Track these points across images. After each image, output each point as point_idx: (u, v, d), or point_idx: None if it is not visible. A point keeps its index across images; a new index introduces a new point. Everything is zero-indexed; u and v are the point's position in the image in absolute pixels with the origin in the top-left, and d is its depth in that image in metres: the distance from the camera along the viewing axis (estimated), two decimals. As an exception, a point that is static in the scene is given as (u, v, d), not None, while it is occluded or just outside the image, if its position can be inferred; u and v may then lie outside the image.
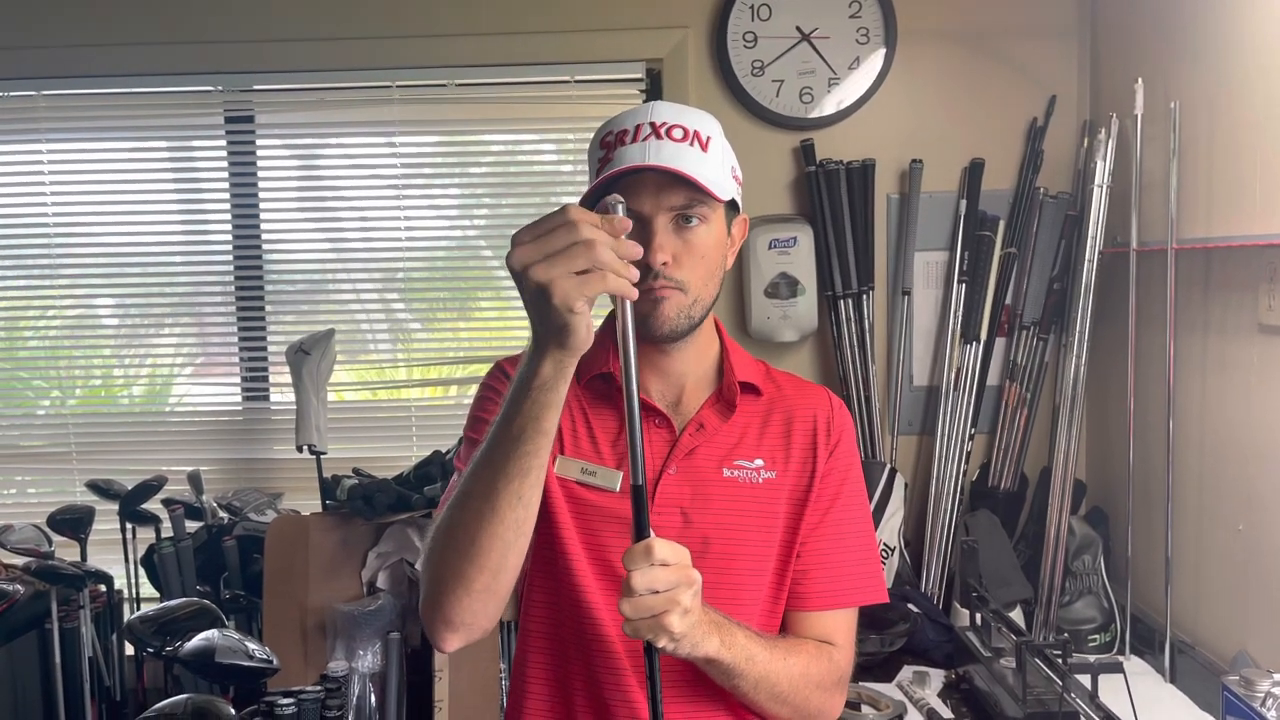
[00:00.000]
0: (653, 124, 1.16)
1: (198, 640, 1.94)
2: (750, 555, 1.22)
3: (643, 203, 1.14)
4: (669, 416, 1.25)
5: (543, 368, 0.97)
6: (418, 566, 1.16)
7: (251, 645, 1.92)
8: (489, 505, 1.02)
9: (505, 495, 1.02)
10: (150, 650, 2.01)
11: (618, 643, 1.19)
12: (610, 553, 1.19)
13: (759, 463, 1.25)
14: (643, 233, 1.13)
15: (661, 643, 1.00)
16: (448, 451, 2.63)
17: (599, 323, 1.35)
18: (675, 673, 1.17)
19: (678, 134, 1.16)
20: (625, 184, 1.13)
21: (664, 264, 1.15)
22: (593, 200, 1.19)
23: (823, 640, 1.24)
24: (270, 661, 1.91)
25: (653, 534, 1.01)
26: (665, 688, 1.05)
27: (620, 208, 0.96)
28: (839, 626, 1.25)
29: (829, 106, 2.66)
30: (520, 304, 0.97)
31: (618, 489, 1.20)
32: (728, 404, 1.26)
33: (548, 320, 0.93)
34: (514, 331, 2.95)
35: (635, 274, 0.95)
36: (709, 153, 1.17)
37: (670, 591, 0.99)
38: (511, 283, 0.96)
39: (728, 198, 1.19)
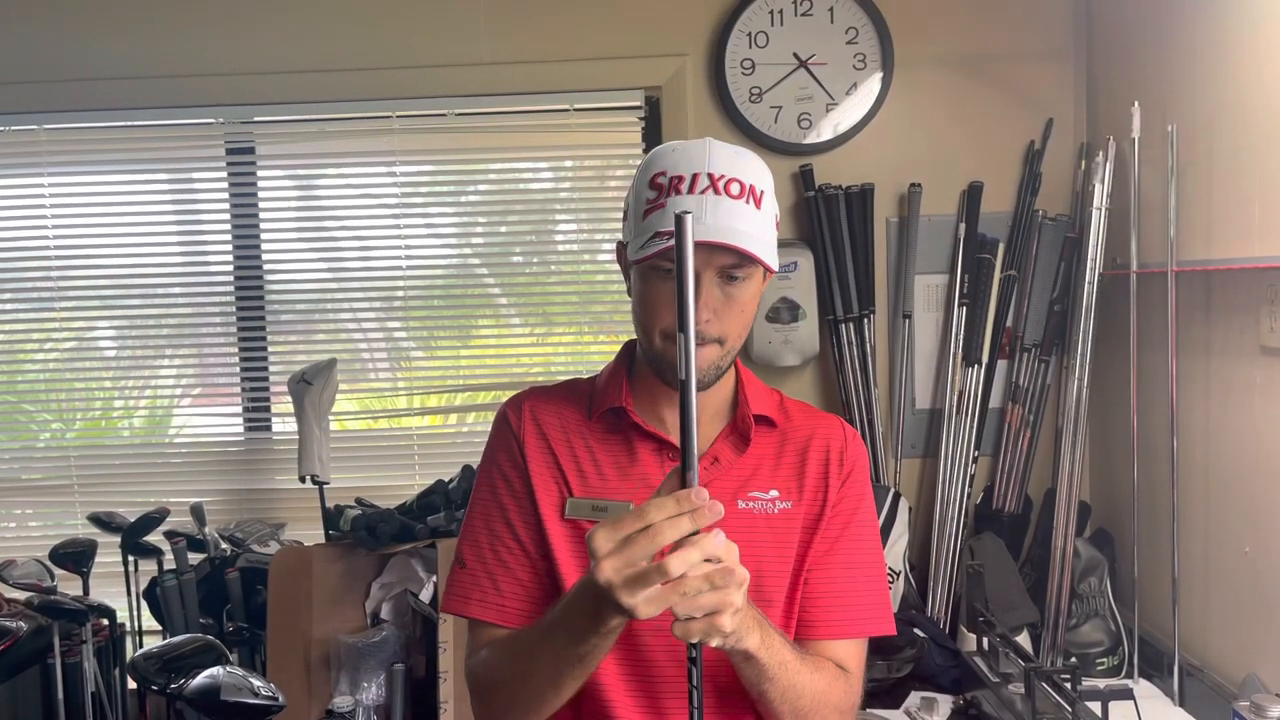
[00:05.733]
0: (710, 176, 1.14)
1: (202, 678, 1.92)
2: (767, 587, 1.22)
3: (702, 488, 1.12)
4: None
5: (608, 624, 1.01)
6: (467, 680, 1.26)
7: (256, 682, 1.91)
8: (552, 688, 1.12)
9: (569, 683, 1.11)
10: (155, 688, 2.00)
11: (626, 694, 1.20)
12: None
13: (774, 494, 1.25)
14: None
15: (714, 642, 1.00)
16: (450, 480, 2.63)
17: (612, 355, 1.35)
18: (705, 686, 1.17)
19: (735, 189, 1.14)
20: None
21: (706, 321, 1.15)
22: (640, 233, 1.17)
23: None
24: (275, 699, 1.90)
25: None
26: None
27: (688, 218, 0.92)
28: (849, 655, 1.25)
29: (827, 132, 2.67)
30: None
31: None
32: (742, 437, 1.26)
33: (622, 615, 0.97)
34: (513, 356, 2.95)
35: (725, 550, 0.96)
36: (762, 210, 1.16)
37: (722, 591, 0.97)
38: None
39: (777, 266, 1.19)
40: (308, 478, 2.60)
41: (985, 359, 2.62)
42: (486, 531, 1.25)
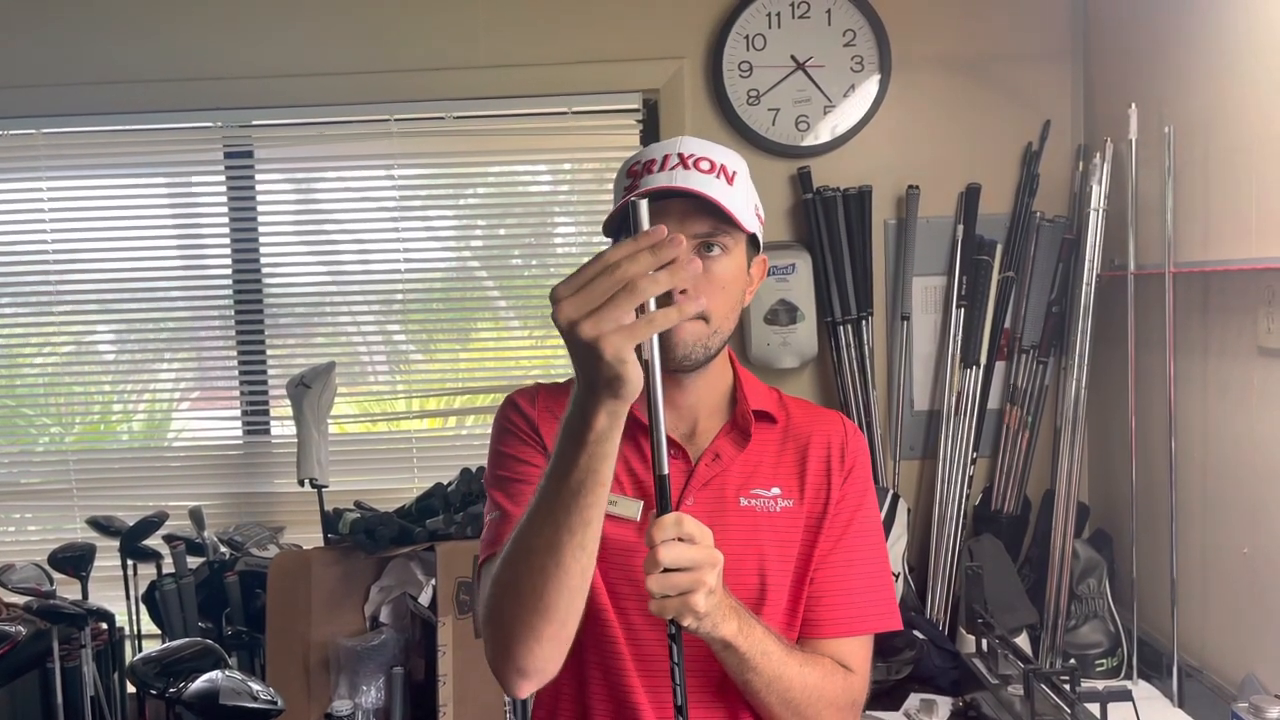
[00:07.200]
0: (680, 155, 1.18)
1: (201, 682, 1.92)
2: (770, 585, 1.22)
3: (667, 228, 1.14)
4: (684, 447, 1.25)
5: (597, 420, 0.94)
6: (478, 611, 1.19)
7: (255, 686, 1.91)
8: (553, 560, 1.01)
9: (569, 548, 1.01)
10: (154, 692, 2.00)
11: (636, 676, 1.20)
12: (630, 584, 1.19)
13: (776, 491, 1.25)
14: None
15: (687, 621, 1.00)
16: (449, 483, 2.63)
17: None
18: (696, 677, 1.17)
19: (704, 166, 1.17)
20: (650, 210, 1.14)
21: (683, 292, 1.14)
22: (615, 224, 1.20)
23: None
24: (274, 703, 1.90)
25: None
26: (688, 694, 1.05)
27: (643, 205, 0.92)
28: (854, 653, 1.25)
29: (825, 134, 2.67)
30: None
31: (638, 518, 1.21)
32: (742, 433, 1.26)
33: (599, 373, 0.90)
34: (513, 358, 2.95)
35: (689, 278, 0.91)
36: (734, 186, 1.19)
37: (696, 571, 0.98)
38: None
39: (751, 229, 1.20)
40: (306, 481, 2.60)
41: (983, 360, 2.62)
42: (513, 479, 1.23)
